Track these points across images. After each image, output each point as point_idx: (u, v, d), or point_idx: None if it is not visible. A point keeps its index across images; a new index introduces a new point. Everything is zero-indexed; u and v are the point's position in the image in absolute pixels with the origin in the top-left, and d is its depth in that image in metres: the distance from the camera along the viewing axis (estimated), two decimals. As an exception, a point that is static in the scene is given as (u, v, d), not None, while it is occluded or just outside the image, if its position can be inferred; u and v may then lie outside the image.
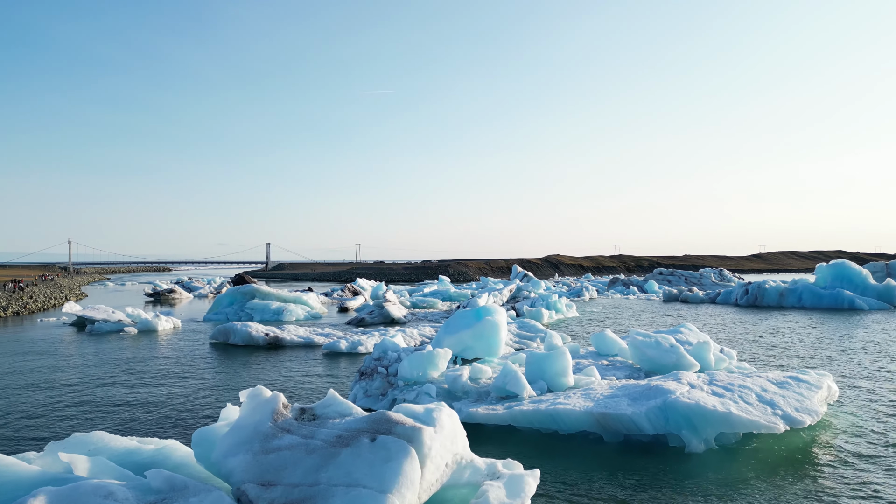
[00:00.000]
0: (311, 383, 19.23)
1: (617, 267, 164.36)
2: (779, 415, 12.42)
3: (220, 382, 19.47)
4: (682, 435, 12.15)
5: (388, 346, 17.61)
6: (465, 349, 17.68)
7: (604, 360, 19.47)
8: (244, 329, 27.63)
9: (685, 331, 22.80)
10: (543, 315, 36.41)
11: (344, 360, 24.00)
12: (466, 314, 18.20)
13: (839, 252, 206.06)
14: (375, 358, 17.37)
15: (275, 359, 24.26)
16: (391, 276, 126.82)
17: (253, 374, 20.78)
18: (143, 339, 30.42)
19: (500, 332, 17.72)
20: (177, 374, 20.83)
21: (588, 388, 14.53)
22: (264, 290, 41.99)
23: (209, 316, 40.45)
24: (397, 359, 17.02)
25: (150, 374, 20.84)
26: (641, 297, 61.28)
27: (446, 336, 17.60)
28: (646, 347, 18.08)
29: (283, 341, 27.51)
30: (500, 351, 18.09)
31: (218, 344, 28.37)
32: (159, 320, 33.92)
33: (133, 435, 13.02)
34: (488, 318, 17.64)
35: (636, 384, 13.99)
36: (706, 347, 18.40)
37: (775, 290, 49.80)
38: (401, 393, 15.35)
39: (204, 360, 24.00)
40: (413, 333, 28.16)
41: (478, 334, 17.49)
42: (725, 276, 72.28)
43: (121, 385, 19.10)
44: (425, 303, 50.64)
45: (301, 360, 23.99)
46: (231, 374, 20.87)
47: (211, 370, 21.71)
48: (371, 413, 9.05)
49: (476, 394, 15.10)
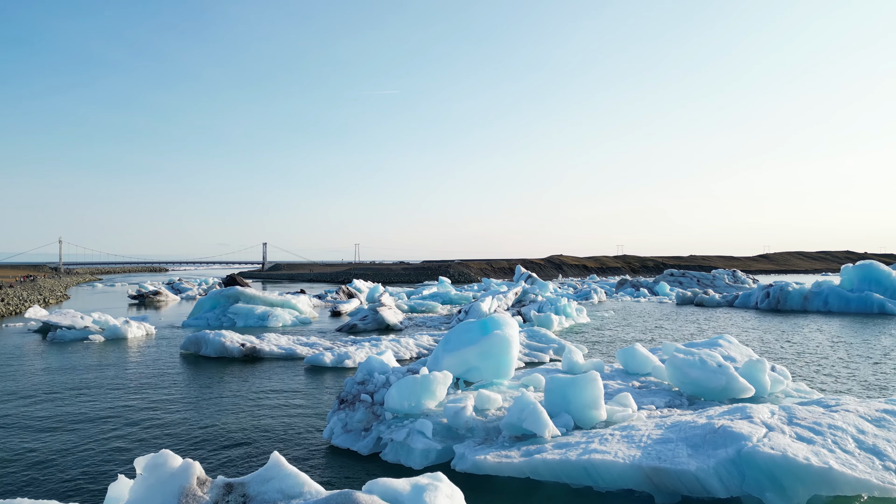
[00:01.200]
0: (282, 411, 16.02)
1: (622, 268, 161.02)
2: (892, 469, 9.23)
3: (175, 410, 16.25)
4: (764, 498, 8.97)
5: (375, 367, 14.41)
6: (468, 370, 14.47)
7: (635, 381, 16.26)
8: (217, 339, 24.41)
9: (725, 344, 19.58)
10: (553, 321, 33.20)
11: (328, 375, 20.81)
12: (470, 327, 14.99)
13: (847, 252, 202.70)
14: (359, 381, 14.17)
15: (248, 374, 21.06)
16: (390, 276, 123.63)
17: (216, 396, 17.57)
18: (107, 349, 27.23)
19: (511, 349, 14.50)
20: (125, 398, 17.62)
21: (628, 426, 11.31)
22: (249, 293, 38.79)
23: (189, 321, 37.26)
24: (385, 383, 13.82)
25: (93, 397, 17.63)
26: (653, 300, 58.03)
27: (446, 354, 14.38)
28: (688, 367, 14.87)
29: (261, 353, 24.30)
30: (511, 372, 14.88)
31: (189, 356, 25.17)
32: (129, 327, 30.73)
33: (27, 496, 9.82)
34: (497, 332, 14.43)
35: (692, 423, 10.77)
36: (759, 367, 15.20)
37: (799, 292, 46.56)
38: (388, 429, 12.14)
39: (167, 376, 20.80)
40: (408, 344, 24.94)
41: (484, 352, 14.28)
42: (739, 277, 69.02)
43: (45, 413, 15.89)
44: (424, 306, 47.44)
45: (278, 375, 20.79)
46: (192, 398, 17.66)
47: (170, 391, 18.50)
48: (331, 496, 5.95)
49: (483, 431, 11.89)
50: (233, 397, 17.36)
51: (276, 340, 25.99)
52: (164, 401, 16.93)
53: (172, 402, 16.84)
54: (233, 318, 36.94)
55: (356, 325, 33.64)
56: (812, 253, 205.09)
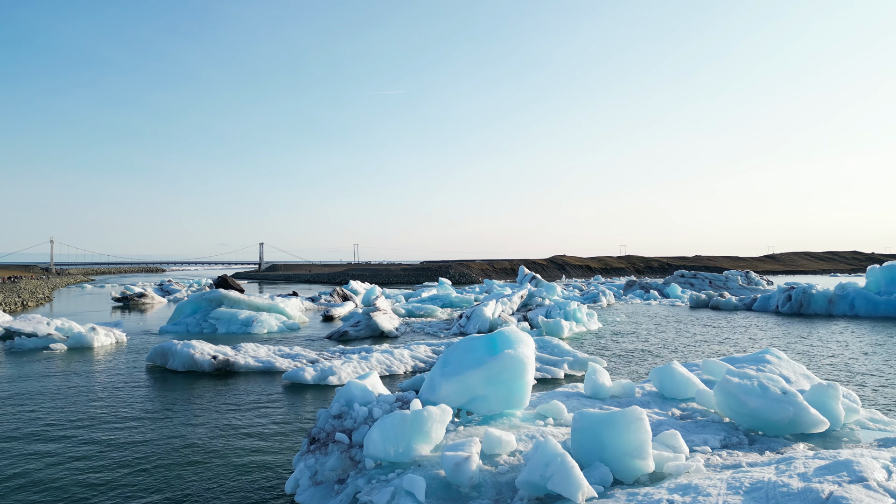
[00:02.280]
0: (244, 447, 13.11)
1: (626, 268, 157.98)
2: None
3: (112, 444, 13.34)
4: None
5: (355, 396, 11.51)
6: (472, 400, 11.56)
7: (675, 409, 13.34)
8: (185, 351, 21.51)
9: (774, 360, 16.60)
10: (563, 328, 30.27)
11: (308, 396, 17.92)
12: (474, 344, 12.07)
13: (854, 253, 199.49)
14: (334, 415, 11.26)
15: (216, 394, 18.16)
16: (388, 277, 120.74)
17: (170, 425, 14.67)
18: (67, 360, 24.34)
19: (525, 373, 11.59)
20: (58, 429, 14.70)
21: (688, 486, 8.39)
22: (233, 297, 35.88)
23: (167, 327, 34.37)
24: (367, 417, 10.93)
25: (19, 422, 14.71)
26: (664, 303, 55.05)
27: (445, 380, 11.46)
28: (746, 395, 11.93)
29: (234, 366, 21.41)
30: (525, 401, 11.97)
31: (155, 369, 22.29)
32: (96, 335, 27.83)
33: None
34: (508, 352, 11.51)
35: (783, 487, 7.83)
36: (831, 394, 12.27)
37: (823, 295, 43.62)
38: (368, 484, 9.24)
39: (119, 398, 17.90)
40: (403, 356, 22.04)
41: (493, 378, 11.36)
42: (752, 278, 66.01)
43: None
44: (423, 310, 44.53)
45: (251, 395, 17.90)
46: (140, 426, 14.75)
47: (117, 415, 15.59)
48: None
49: (493, 488, 8.99)
50: (189, 426, 14.45)
51: (254, 351, 23.10)
52: (105, 429, 14.03)
53: (114, 431, 13.94)
54: (214, 323, 34.04)
55: (347, 332, 30.74)
56: (819, 253, 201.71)
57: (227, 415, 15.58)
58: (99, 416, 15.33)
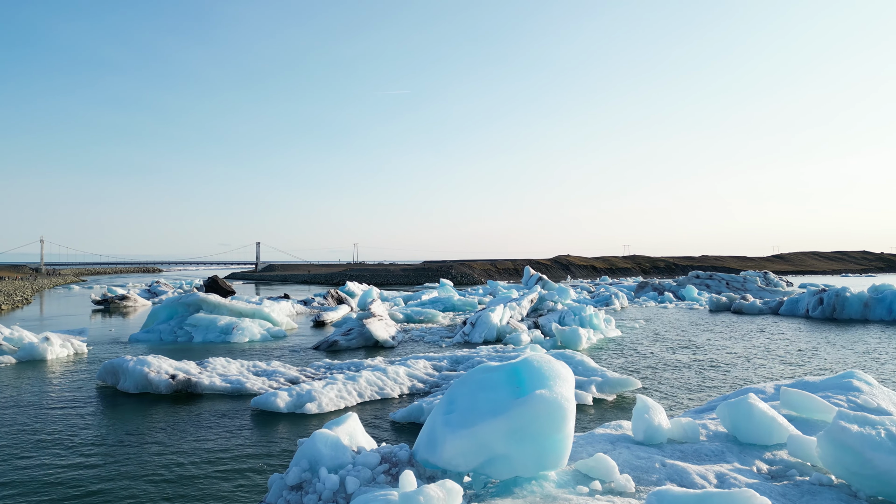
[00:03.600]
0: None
1: (632, 268, 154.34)
2: None
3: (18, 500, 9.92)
4: None
5: (322, 456, 8.09)
6: (490, 460, 8.11)
7: (760, 462, 9.80)
8: (138, 369, 18.09)
9: (864, 387, 13.10)
10: (581, 337, 26.79)
11: (282, 426, 14.52)
12: (492, 378, 8.61)
13: (863, 253, 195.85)
14: (292, 485, 7.84)
15: (170, 423, 14.74)
16: (388, 278, 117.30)
17: (97, 467, 11.24)
18: (11, 376, 20.93)
19: (565, 423, 8.12)
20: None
21: None
22: (213, 301, 32.46)
23: (138, 335, 30.97)
24: (338, 490, 7.51)
25: None
26: (681, 306, 51.54)
27: (451, 432, 8.02)
28: (875, 449, 8.36)
29: (197, 387, 17.99)
30: (564, 460, 8.49)
31: (105, 390, 18.89)
32: (50, 346, 24.43)
33: None
34: (542, 392, 8.05)
35: None
36: None
37: (858, 299, 40.15)
38: None
39: (52, 430, 14.46)
40: (398, 375, 18.61)
41: (520, 430, 7.92)
42: (771, 280, 62.49)
43: None
44: (422, 315, 41.11)
45: (209, 427, 14.47)
46: (59, 476, 11.31)
47: (38, 459, 12.15)
48: None
49: None
50: (119, 472, 11.02)
51: (223, 368, 19.69)
52: (19, 473, 10.61)
53: (29, 480, 10.51)
54: (190, 331, 30.64)
55: (337, 341, 27.31)
56: (828, 253, 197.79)
57: (176, 455, 12.15)
58: (10, 456, 11.89)
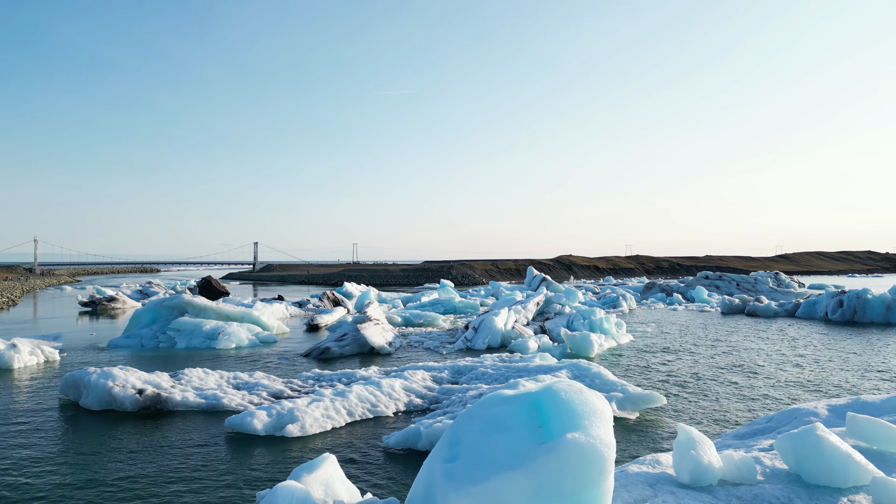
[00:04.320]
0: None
1: (635, 269, 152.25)
2: None
3: None
4: None
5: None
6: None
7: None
8: (101, 384, 16.13)
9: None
10: (593, 344, 24.81)
11: (259, 451, 12.57)
12: (507, 413, 6.66)
13: (868, 252, 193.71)
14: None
15: (133, 449, 12.78)
16: (387, 278, 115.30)
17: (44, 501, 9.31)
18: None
19: (604, 476, 6.16)
20: None
21: None
22: (198, 304, 30.52)
23: (118, 340, 29.03)
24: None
25: None
26: (691, 308, 49.54)
27: (455, 490, 6.08)
28: None
29: (168, 403, 16.03)
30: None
31: (67, 405, 16.95)
32: (17, 353, 22.49)
33: None
34: (574, 436, 6.10)
35: None
36: None
37: (880, 301, 38.18)
38: None
39: (3, 452, 12.52)
40: (393, 388, 16.65)
41: (546, 487, 5.98)
42: (783, 281, 60.51)
43: None
44: (422, 318, 39.13)
45: (179, 449, 12.53)
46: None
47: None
48: None
49: None
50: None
51: (199, 381, 17.75)
52: None
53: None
54: (174, 336, 28.69)
55: (330, 348, 25.36)
56: (833, 253, 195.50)
57: (135, 487, 10.20)
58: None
